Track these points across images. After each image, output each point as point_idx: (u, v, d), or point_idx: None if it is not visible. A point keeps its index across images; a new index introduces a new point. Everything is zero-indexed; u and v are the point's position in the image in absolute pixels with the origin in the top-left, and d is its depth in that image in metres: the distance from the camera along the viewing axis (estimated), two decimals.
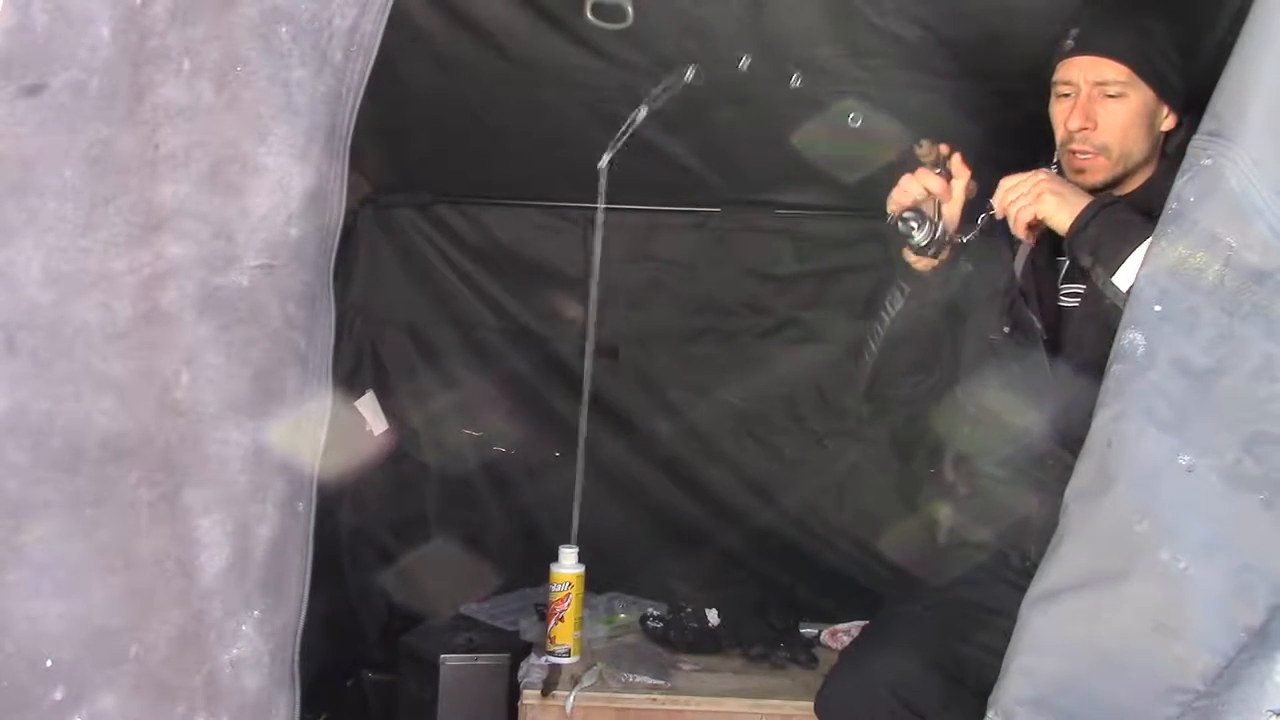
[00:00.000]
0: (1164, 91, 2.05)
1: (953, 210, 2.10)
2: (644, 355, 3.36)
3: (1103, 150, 2.04)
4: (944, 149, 2.12)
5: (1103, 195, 1.98)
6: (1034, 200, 1.96)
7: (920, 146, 2.12)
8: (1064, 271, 2.13)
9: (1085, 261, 1.88)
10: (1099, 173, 2.05)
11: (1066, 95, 2.07)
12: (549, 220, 3.33)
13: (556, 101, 2.69)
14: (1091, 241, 1.87)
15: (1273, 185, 1.22)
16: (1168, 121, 2.08)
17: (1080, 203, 1.93)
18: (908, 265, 2.12)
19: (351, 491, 3.18)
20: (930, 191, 2.07)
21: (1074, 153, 2.06)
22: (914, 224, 2.06)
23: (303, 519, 1.33)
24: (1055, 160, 2.13)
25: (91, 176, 1.25)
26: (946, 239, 2.08)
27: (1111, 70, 2.02)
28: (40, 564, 1.24)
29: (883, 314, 2.21)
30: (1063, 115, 2.07)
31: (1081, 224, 1.89)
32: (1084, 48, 2.05)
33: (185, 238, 1.26)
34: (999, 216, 2.02)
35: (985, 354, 2.14)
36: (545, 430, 3.34)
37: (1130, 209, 1.91)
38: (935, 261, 2.10)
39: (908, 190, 2.09)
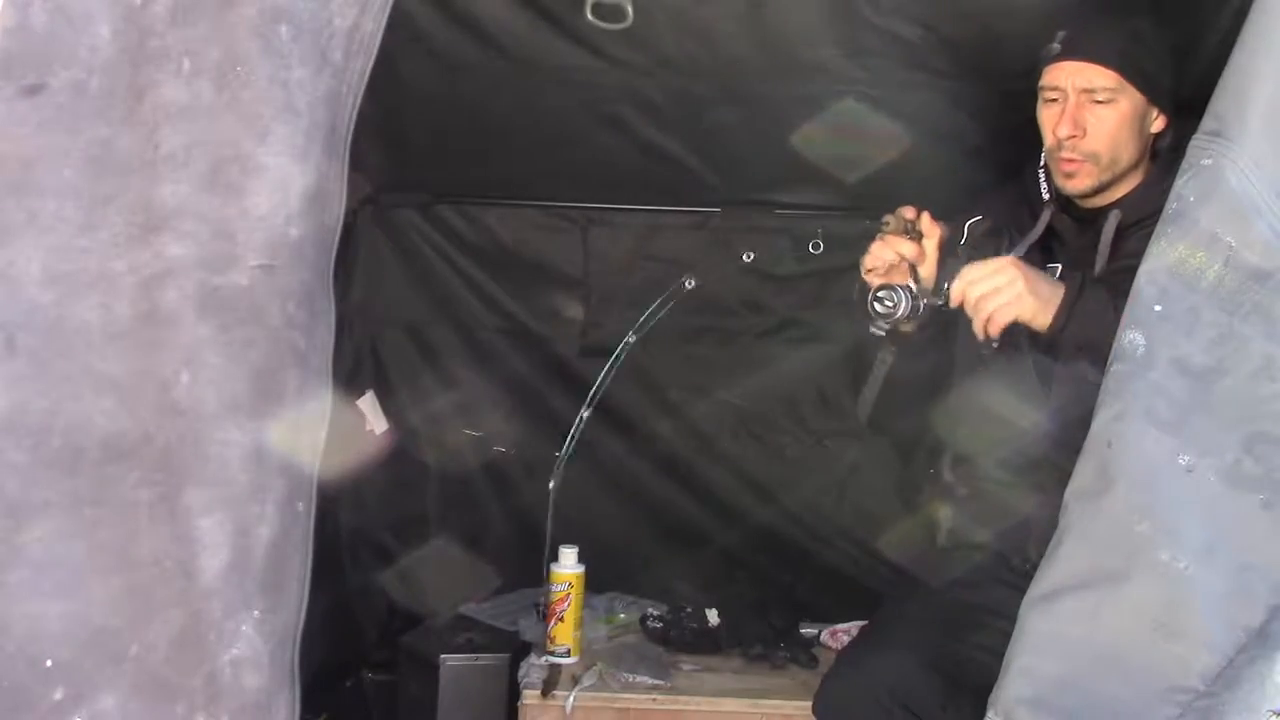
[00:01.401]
0: (1154, 95, 2.04)
1: (929, 271, 2.04)
2: (644, 355, 3.36)
3: (1091, 157, 2.03)
4: (909, 213, 2.08)
5: (1073, 282, 1.89)
6: (1015, 303, 1.85)
7: (886, 222, 2.08)
8: (1056, 277, 2.07)
9: (1072, 355, 1.84)
10: (1086, 178, 2.05)
11: (1054, 100, 2.05)
12: (549, 220, 3.33)
13: (556, 101, 2.69)
14: (1075, 339, 1.82)
15: (1273, 185, 1.22)
16: (1158, 123, 2.07)
17: (1054, 295, 1.85)
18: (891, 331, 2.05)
19: (351, 491, 3.18)
20: (903, 256, 2.01)
21: (1062, 159, 2.05)
22: (889, 303, 1.96)
23: (303, 519, 1.33)
24: (1042, 165, 2.14)
25: (91, 176, 1.25)
26: (924, 305, 1.99)
27: (1100, 76, 2.01)
28: (40, 564, 1.24)
29: (872, 379, 2.16)
30: (1051, 121, 2.05)
31: (1061, 325, 1.84)
32: (1071, 52, 2.03)
33: (185, 238, 1.26)
34: (954, 304, 1.91)
35: (976, 364, 2.11)
36: (545, 430, 3.34)
37: (1101, 289, 1.86)
38: (915, 325, 2.03)
39: (880, 257, 2.03)
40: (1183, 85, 2.20)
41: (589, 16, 2.09)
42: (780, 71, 2.50)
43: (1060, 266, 2.10)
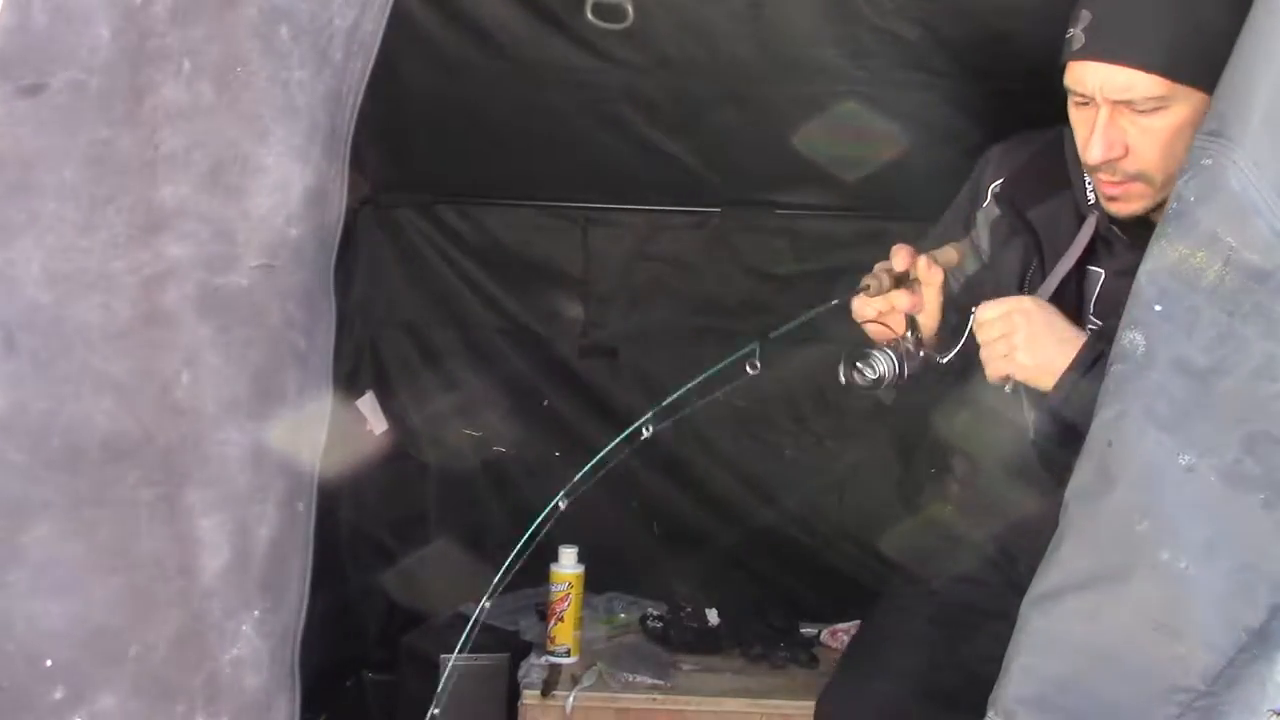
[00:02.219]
0: (1213, 84, 1.44)
1: (930, 321, 1.76)
2: (644, 355, 3.36)
3: (1139, 178, 1.60)
4: (902, 261, 1.75)
5: (1090, 348, 1.59)
6: (1007, 358, 1.62)
7: (867, 285, 1.78)
8: (1094, 297, 1.78)
9: (1049, 423, 1.65)
10: (1136, 201, 1.63)
11: (1084, 104, 1.61)
12: (549, 220, 3.33)
13: (556, 101, 2.69)
14: (1075, 409, 1.54)
15: (1274, 185, 1.22)
16: None
17: (1062, 353, 1.60)
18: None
19: (351, 491, 3.18)
20: (896, 308, 1.74)
21: (1102, 182, 1.65)
22: (870, 374, 1.74)
23: (303, 519, 1.33)
24: (1090, 189, 1.73)
25: (91, 177, 1.25)
26: (918, 364, 1.73)
27: (1140, 82, 1.53)
28: (40, 564, 1.24)
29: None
30: (1081, 133, 1.62)
31: (1064, 393, 1.59)
32: (1096, 49, 1.55)
33: (185, 238, 1.26)
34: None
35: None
36: (545, 430, 3.34)
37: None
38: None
39: (864, 314, 1.78)
40: None
41: (589, 16, 2.09)
42: (780, 72, 2.51)
43: (1103, 273, 1.76)
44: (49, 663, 1.23)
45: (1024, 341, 1.61)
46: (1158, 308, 1.26)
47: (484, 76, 2.58)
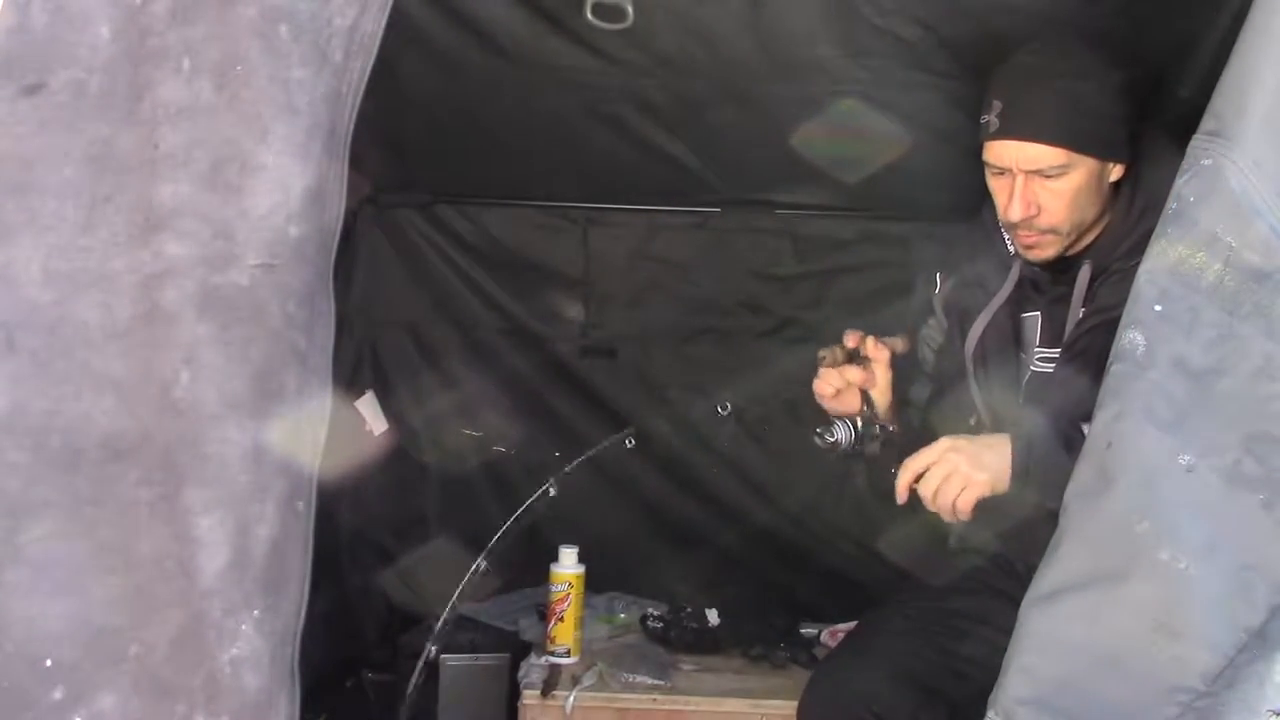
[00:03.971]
0: (1109, 153, 1.91)
1: (883, 396, 2.04)
2: (644, 355, 3.36)
3: (1051, 230, 1.93)
4: (851, 341, 2.06)
5: (1017, 441, 1.85)
6: (971, 487, 1.82)
7: (823, 357, 2.07)
8: (1037, 333, 2.07)
9: (1035, 499, 1.79)
10: (1049, 248, 1.96)
11: (1000, 175, 1.94)
12: (549, 220, 3.33)
13: (556, 101, 2.69)
14: (1037, 486, 1.78)
15: (1273, 185, 1.22)
16: (1116, 172, 1.95)
17: (1001, 459, 1.83)
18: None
19: (351, 491, 3.18)
20: (851, 382, 2.02)
21: (1020, 235, 1.97)
22: (829, 438, 1.98)
23: (303, 519, 1.33)
24: (1010, 244, 2.05)
25: (91, 176, 1.25)
26: (877, 432, 1.98)
27: (1045, 155, 1.88)
28: (40, 564, 1.24)
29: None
30: (1001, 199, 1.94)
31: (1021, 475, 1.81)
32: (1010, 130, 1.89)
33: (185, 237, 1.26)
34: (903, 501, 1.89)
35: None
36: (545, 430, 3.34)
37: (1047, 432, 1.83)
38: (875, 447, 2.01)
39: (823, 391, 2.04)
40: (1182, 85, 2.20)
41: (589, 16, 2.09)
42: (780, 71, 2.50)
43: (1039, 315, 2.06)
44: (49, 663, 1.23)
45: (969, 466, 1.84)
46: (1157, 308, 1.26)
47: (484, 76, 2.58)
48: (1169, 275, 1.26)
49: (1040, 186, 1.90)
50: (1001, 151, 1.92)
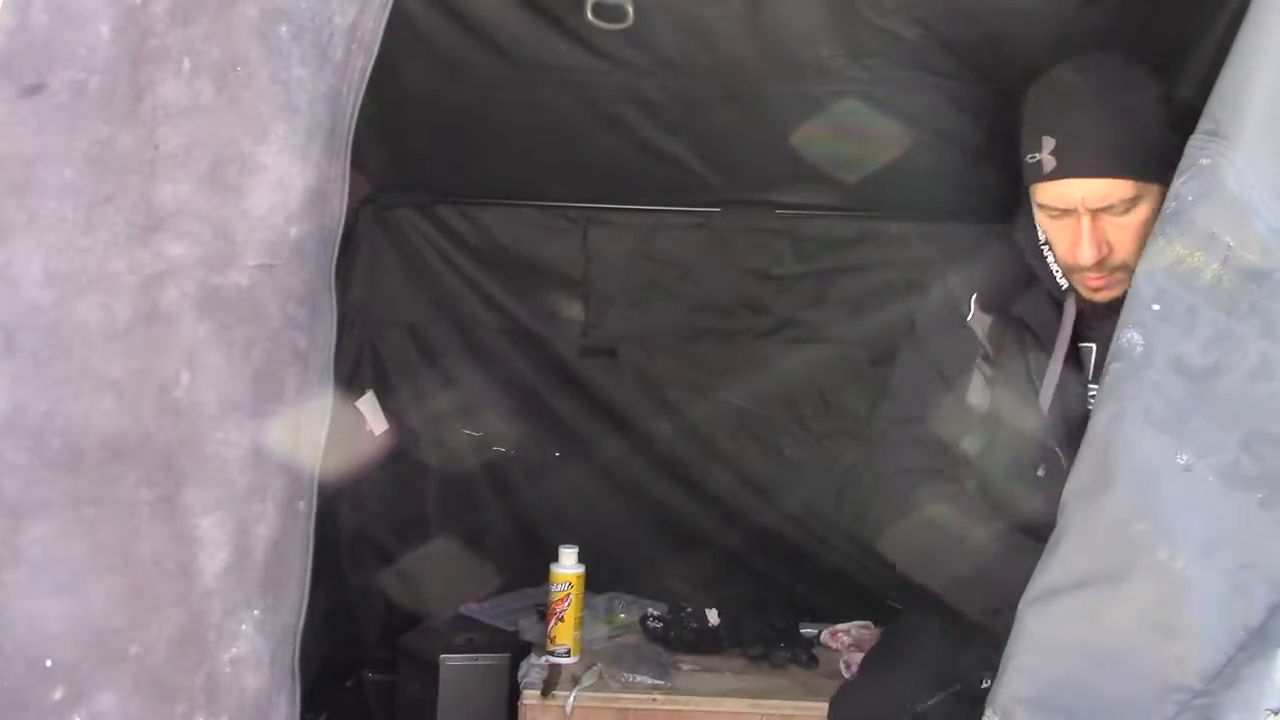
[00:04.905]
0: (1166, 175, 1.59)
1: None
2: (644, 355, 3.36)
3: (1123, 267, 1.73)
4: None
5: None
6: None
7: None
8: (1091, 366, 1.89)
9: None
10: (1119, 286, 1.74)
11: (1061, 215, 1.76)
12: (549, 220, 3.33)
13: (556, 101, 2.69)
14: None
15: (1270, 185, 1.22)
16: None
17: None
18: None
19: (351, 491, 3.18)
20: None
21: (1088, 278, 1.79)
22: None
23: (303, 519, 1.33)
24: (1059, 276, 1.86)
25: (91, 176, 1.25)
26: None
27: (1116, 190, 1.70)
28: (40, 564, 1.24)
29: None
30: (1064, 240, 1.77)
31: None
32: (1070, 169, 1.71)
33: (185, 237, 1.26)
34: None
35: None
36: (545, 430, 3.34)
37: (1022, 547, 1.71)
38: None
39: None
40: (1182, 85, 2.19)
41: (589, 16, 2.09)
42: (780, 71, 2.50)
43: (1094, 346, 1.88)
44: (49, 663, 1.23)
45: None
46: (1155, 307, 1.26)
47: (484, 76, 2.58)
48: (1167, 275, 1.26)
49: (1109, 223, 1.72)
50: (1063, 192, 1.73)
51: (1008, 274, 1.95)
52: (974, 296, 1.98)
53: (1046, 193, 1.76)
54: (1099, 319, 1.85)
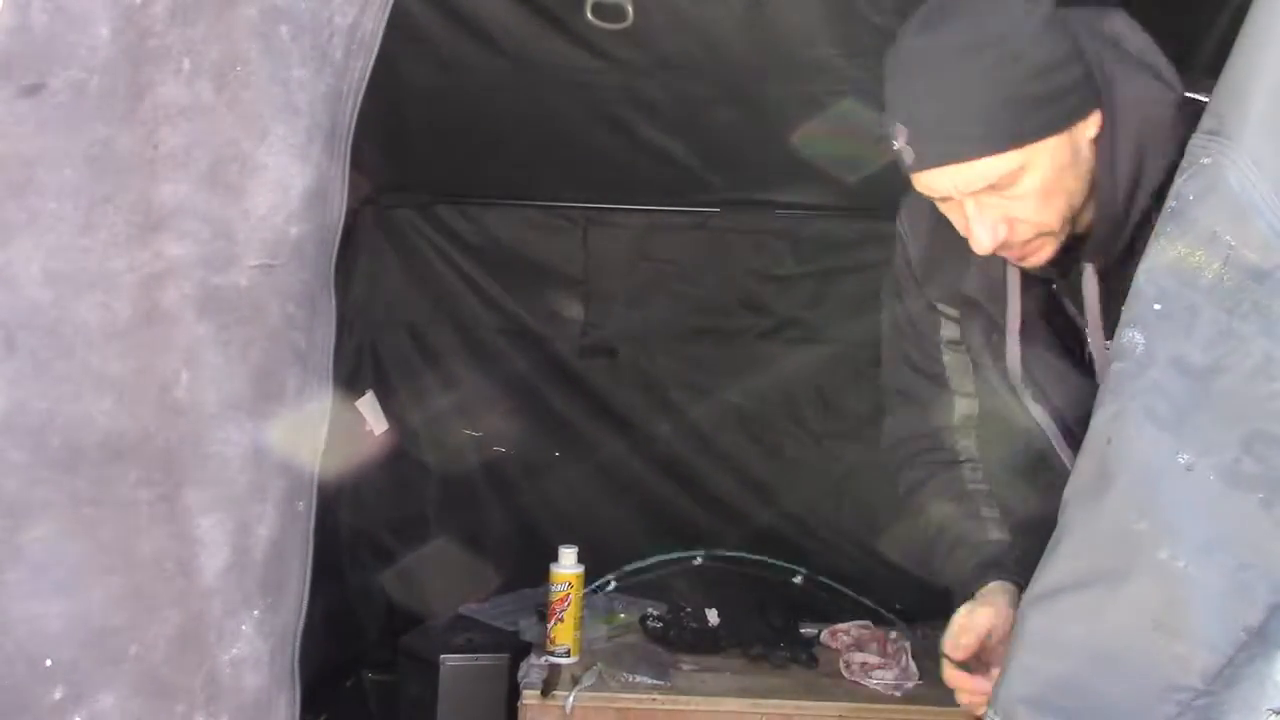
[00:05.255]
0: (1070, 116, 1.43)
1: None
2: (644, 355, 3.36)
3: (1037, 237, 1.51)
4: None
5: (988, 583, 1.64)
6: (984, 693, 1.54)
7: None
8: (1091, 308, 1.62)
9: None
10: (1046, 250, 1.54)
11: (944, 201, 1.53)
12: (549, 220, 3.34)
13: (556, 101, 2.69)
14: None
15: (1273, 184, 1.22)
16: (1090, 127, 1.46)
17: (1000, 606, 1.60)
18: None
19: (351, 491, 3.19)
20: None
21: (1004, 252, 1.55)
22: None
23: (303, 519, 1.33)
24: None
25: (91, 176, 1.25)
26: None
27: (988, 170, 1.43)
28: (39, 564, 1.24)
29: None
30: (959, 224, 1.53)
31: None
32: (929, 158, 1.47)
33: (185, 237, 1.26)
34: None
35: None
36: (545, 430, 3.35)
37: (1016, 561, 1.64)
38: None
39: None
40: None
41: (589, 16, 2.09)
42: (780, 71, 2.51)
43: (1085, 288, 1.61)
44: (49, 663, 1.23)
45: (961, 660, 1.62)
46: (1156, 306, 1.26)
47: (484, 76, 2.58)
48: (1168, 274, 1.26)
49: (999, 200, 1.47)
50: (934, 181, 1.49)
51: (950, 246, 1.65)
52: (925, 289, 1.81)
53: (919, 182, 1.52)
54: (1063, 290, 1.62)
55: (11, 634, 1.23)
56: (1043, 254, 1.54)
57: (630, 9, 2.09)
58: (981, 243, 1.49)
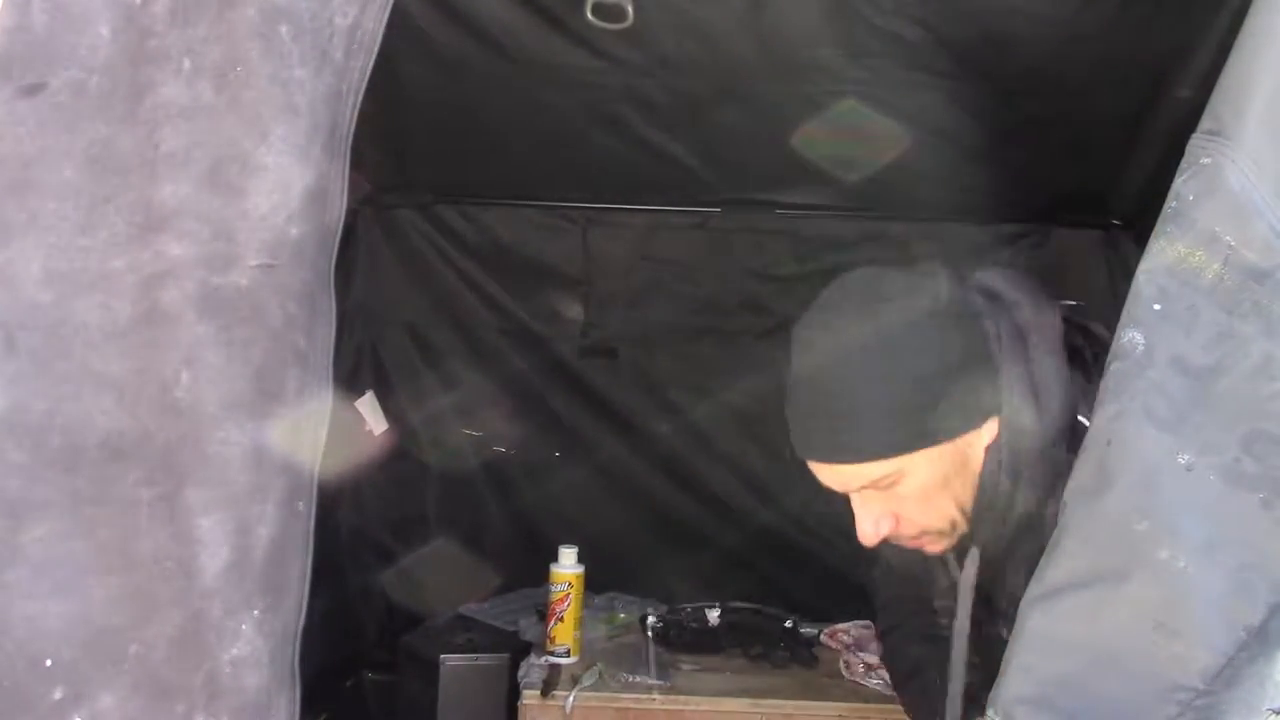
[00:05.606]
0: (954, 429, 1.42)
1: None
2: (644, 355, 3.36)
3: (925, 534, 1.51)
4: None
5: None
6: None
7: None
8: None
9: None
10: (937, 545, 1.53)
11: (831, 490, 1.52)
12: (549, 220, 3.34)
13: (556, 101, 2.69)
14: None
15: (1272, 184, 1.22)
16: (986, 435, 1.45)
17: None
18: None
19: (351, 491, 3.18)
20: None
21: (898, 543, 1.55)
22: None
23: (303, 519, 1.33)
24: None
25: (91, 176, 1.25)
26: None
27: (866, 470, 1.43)
28: (40, 564, 1.24)
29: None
30: (849, 515, 1.53)
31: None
32: (815, 453, 1.47)
33: (185, 237, 1.26)
34: None
35: None
36: (545, 430, 3.35)
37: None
38: None
39: None
40: (1182, 85, 2.18)
41: (589, 16, 2.09)
42: (780, 71, 2.51)
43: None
44: (49, 663, 1.23)
45: None
46: (1156, 306, 1.26)
47: (484, 76, 2.58)
48: (1168, 274, 1.26)
49: (884, 496, 1.46)
50: (819, 473, 1.49)
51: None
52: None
53: (811, 469, 1.51)
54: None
55: (11, 634, 1.23)
56: (934, 548, 1.53)
57: (630, 9, 2.09)
58: (865, 535, 1.48)
